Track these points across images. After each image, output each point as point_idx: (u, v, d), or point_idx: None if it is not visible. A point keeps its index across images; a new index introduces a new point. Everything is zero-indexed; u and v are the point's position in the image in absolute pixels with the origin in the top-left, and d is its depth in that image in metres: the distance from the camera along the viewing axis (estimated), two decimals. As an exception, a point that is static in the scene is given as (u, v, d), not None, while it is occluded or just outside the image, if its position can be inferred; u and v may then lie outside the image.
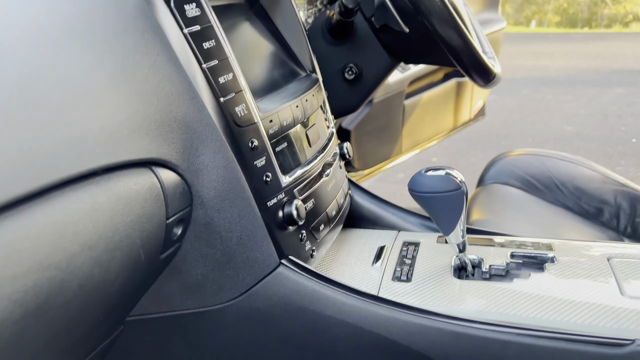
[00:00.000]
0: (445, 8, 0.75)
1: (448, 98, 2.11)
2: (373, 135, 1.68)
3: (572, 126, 3.91)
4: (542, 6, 35.62)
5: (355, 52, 0.92)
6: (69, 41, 0.38)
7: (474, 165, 3.17)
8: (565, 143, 3.53)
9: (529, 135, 3.74)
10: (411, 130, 1.87)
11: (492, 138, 3.69)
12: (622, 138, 3.57)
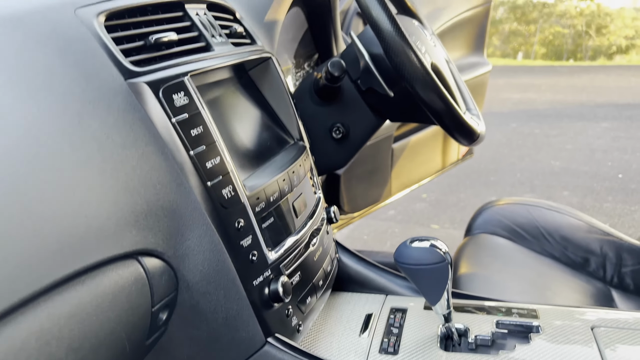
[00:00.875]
0: (428, 74, 0.77)
1: (436, 140, 2.14)
2: (362, 179, 1.69)
3: (559, 161, 3.97)
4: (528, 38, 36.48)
5: (342, 112, 0.93)
6: (59, 141, 0.39)
7: (463, 202, 3.20)
8: (553, 178, 3.57)
9: (518, 170, 3.79)
10: (400, 173, 1.89)
11: (481, 173, 3.73)
12: (608, 174, 3.62)
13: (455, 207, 3.11)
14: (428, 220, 2.93)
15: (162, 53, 0.51)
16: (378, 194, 1.81)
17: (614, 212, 2.94)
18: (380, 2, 0.76)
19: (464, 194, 3.34)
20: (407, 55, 0.76)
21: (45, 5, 0.45)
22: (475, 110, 1.06)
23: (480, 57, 2.33)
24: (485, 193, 3.34)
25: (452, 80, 0.97)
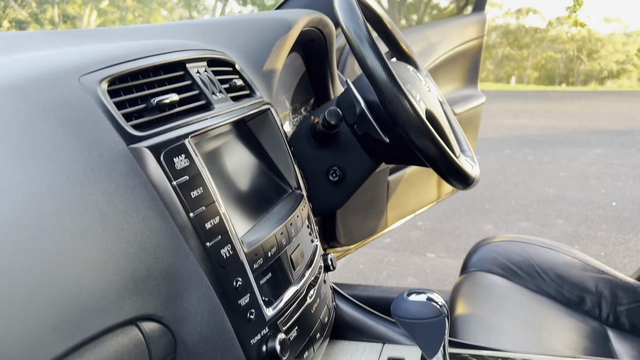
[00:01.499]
0: (422, 122, 0.78)
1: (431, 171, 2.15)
2: (358, 212, 1.70)
3: (553, 188, 4.00)
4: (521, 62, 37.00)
5: (338, 155, 0.95)
6: (60, 214, 0.40)
7: (459, 230, 3.20)
8: (547, 206, 3.59)
9: (512, 197, 3.81)
10: (396, 204, 1.90)
11: (476, 201, 3.75)
12: (602, 201, 3.65)
13: (451, 235, 3.11)
14: (424, 249, 2.93)
15: (163, 115, 0.52)
16: (374, 226, 1.82)
17: (608, 240, 2.96)
18: (375, 51, 0.78)
19: (460, 221, 3.34)
20: (402, 103, 0.77)
21: (50, 72, 0.46)
22: (470, 152, 1.08)
23: (474, 90, 2.36)
24: (481, 221, 3.35)
25: (446, 124, 0.99)
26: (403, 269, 2.64)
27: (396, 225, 1.92)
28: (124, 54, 0.53)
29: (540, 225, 3.22)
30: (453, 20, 2.22)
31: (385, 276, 2.55)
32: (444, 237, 3.09)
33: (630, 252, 2.80)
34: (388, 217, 1.91)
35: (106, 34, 0.71)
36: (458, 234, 3.16)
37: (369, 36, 0.79)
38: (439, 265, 2.68)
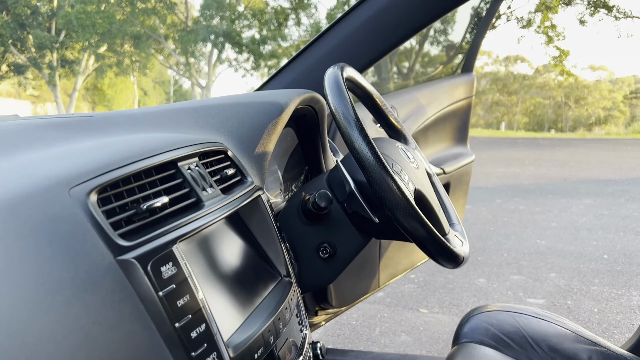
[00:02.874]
0: (409, 204, 0.79)
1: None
2: (350, 273, 1.69)
3: (545, 240, 4.00)
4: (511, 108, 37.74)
5: (328, 232, 0.95)
6: (44, 339, 0.39)
7: (451, 284, 3.18)
8: (540, 259, 3.58)
9: (504, 249, 3.81)
10: (388, 264, 1.89)
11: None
12: (594, 254, 3.65)
13: (444, 289, 3.09)
14: (417, 304, 2.90)
15: (152, 218, 0.53)
16: (366, 287, 1.80)
17: (601, 296, 2.94)
18: (362, 134, 0.80)
19: (452, 274, 3.32)
20: (389, 186, 0.79)
21: (40, 186, 0.47)
22: (459, 225, 1.09)
23: (463, 148, 2.41)
24: (473, 274, 3.33)
25: (435, 201, 1.00)
26: (396, 326, 2.60)
27: (388, 284, 1.91)
28: (114, 160, 0.53)
29: (532, 279, 3.21)
30: (442, 82, 2.28)
31: (378, 333, 2.51)
32: (437, 291, 3.06)
33: (624, 308, 2.78)
34: (380, 276, 1.89)
35: (99, 124, 0.72)
36: (451, 287, 3.13)
37: (357, 119, 0.81)
38: (432, 322, 2.65)
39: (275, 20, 18.52)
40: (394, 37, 1.20)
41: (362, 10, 1.21)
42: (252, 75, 19.63)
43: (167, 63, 22.36)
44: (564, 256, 3.62)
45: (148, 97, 34.35)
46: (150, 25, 19.35)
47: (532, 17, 14.78)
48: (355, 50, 1.20)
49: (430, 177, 1.13)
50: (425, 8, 1.19)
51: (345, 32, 1.20)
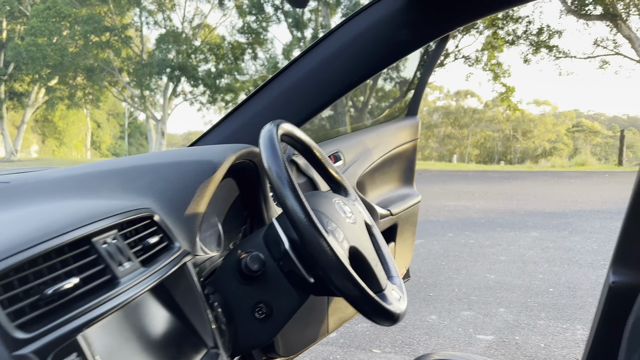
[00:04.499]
0: (341, 265, 0.80)
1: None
2: (298, 320, 1.66)
3: (494, 274, 4.10)
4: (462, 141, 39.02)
5: (264, 291, 0.94)
6: None
7: (404, 322, 3.19)
8: (489, 293, 3.66)
9: (455, 284, 3.86)
10: (337, 308, 1.88)
11: (420, 288, 3.78)
12: (540, 287, 3.76)
13: (396, 328, 3.09)
14: (370, 344, 2.89)
15: (60, 302, 0.50)
16: (315, 333, 1.78)
17: (547, 330, 3.02)
18: (294, 193, 0.80)
19: (405, 312, 3.34)
20: (321, 247, 0.79)
21: None
22: (398, 279, 1.09)
23: (410, 189, 2.45)
24: (425, 311, 3.36)
25: (372, 255, 1.00)
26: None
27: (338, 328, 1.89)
28: (21, 241, 0.51)
29: (482, 315, 3.26)
30: (388, 125, 2.33)
31: (329, 377, 2.47)
32: (390, 330, 3.06)
33: (569, 342, 2.86)
34: (329, 321, 1.87)
35: (16, 191, 0.69)
36: (403, 326, 3.14)
37: (289, 178, 0.81)
38: (384, 363, 2.64)
39: (232, 55, 18.65)
40: (333, 91, 1.23)
41: (302, 64, 1.23)
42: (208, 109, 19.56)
43: (121, 96, 22.01)
44: (512, 290, 3.71)
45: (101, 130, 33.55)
46: (104, 58, 19.08)
47: (479, 56, 15.50)
48: (295, 104, 1.22)
49: (370, 229, 1.14)
50: (364, 63, 1.22)
51: (285, 85, 1.22)
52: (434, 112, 38.64)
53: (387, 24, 1.18)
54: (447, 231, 5.61)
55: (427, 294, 3.66)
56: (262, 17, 17.61)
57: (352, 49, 1.20)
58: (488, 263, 4.41)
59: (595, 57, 15.42)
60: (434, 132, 37.80)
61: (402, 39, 1.18)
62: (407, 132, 2.39)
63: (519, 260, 4.47)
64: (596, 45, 15.09)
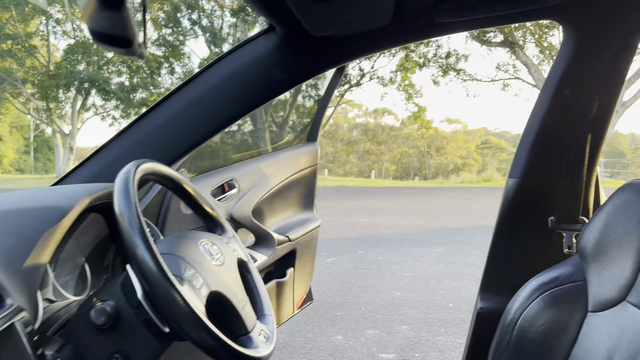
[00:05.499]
0: (194, 315, 0.78)
1: (285, 289, 2.18)
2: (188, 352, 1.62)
3: (399, 291, 4.24)
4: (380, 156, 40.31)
5: (122, 340, 0.90)
6: None
7: (310, 343, 3.21)
8: (393, 310, 3.77)
9: (362, 303, 3.95)
10: None
11: (329, 308, 3.82)
12: (441, 303, 3.94)
13: (302, 350, 3.10)
14: (273, 369, 2.87)
15: None
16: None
17: (445, 346, 3.16)
18: (144, 241, 0.78)
19: (311, 333, 3.36)
20: (173, 298, 0.77)
21: None
22: (270, 317, 1.09)
23: (310, 214, 2.49)
24: (332, 331, 3.40)
25: (240, 297, 0.99)
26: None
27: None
28: None
29: (386, 333, 3.35)
30: (287, 152, 2.36)
31: (230, 407, 2.42)
32: (296, 353, 3.06)
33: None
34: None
35: None
36: (309, 348, 3.15)
37: (140, 225, 0.79)
38: (286, 388, 2.63)
39: (147, 68, 18.06)
40: (209, 127, 1.22)
41: (176, 100, 1.21)
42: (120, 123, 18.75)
43: (25, 108, 20.55)
44: (414, 307, 3.85)
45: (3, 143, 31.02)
46: (5, 68, 17.75)
47: (393, 76, 16.16)
48: (169, 140, 1.20)
49: (245, 266, 1.13)
50: (240, 100, 1.23)
51: (158, 121, 1.19)
52: (353, 128, 39.64)
53: (262, 62, 1.19)
54: (358, 248, 5.75)
55: (334, 314, 3.71)
56: (179, 30, 17.27)
57: (228, 85, 1.20)
58: (394, 280, 4.56)
59: (498, 80, 16.62)
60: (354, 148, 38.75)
61: (277, 78, 1.20)
62: (306, 157, 2.43)
63: (423, 276, 4.66)
64: (498, 70, 16.29)
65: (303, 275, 2.41)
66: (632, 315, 1.04)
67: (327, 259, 5.26)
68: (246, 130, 17.54)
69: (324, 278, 4.60)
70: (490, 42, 14.76)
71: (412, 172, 37.28)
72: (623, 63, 1.26)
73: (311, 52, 1.18)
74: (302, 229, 2.35)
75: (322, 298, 4.03)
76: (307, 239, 2.38)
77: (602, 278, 1.12)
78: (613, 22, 1.21)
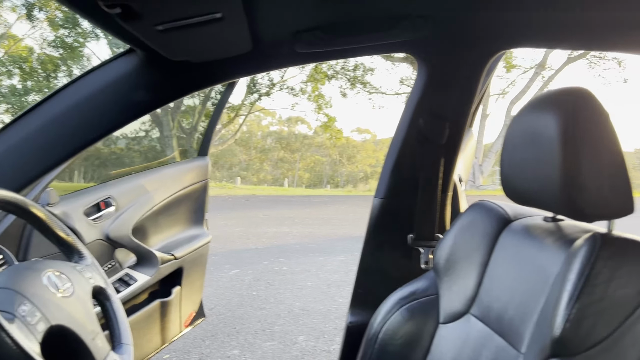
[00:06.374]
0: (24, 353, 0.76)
1: (152, 319, 2.12)
2: None
3: (300, 301, 4.29)
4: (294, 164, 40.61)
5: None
6: None
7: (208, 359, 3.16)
8: (293, 321, 3.81)
9: (262, 315, 3.96)
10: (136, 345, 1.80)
11: (227, 322, 3.78)
12: (339, 311, 4.04)
13: (196, 370, 3.04)
14: (165, 389, 2.79)
15: None
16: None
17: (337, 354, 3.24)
18: None
19: (207, 349, 3.30)
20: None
21: None
22: (127, 346, 1.07)
23: (199, 230, 2.46)
24: (229, 345, 3.37)
25: (89, 329, 0.97)
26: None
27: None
28: None
29: (283, 345, 3.38)
30: (173, 167, 2.32)
31: None
32: (189, 371, 3.00)
33: (356, 363, 3.10)
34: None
35: None
36: (205, 366, 3.10)
37: None
38: (176, 408, 2.56)
39: (43, 70, 16.85)
40: (67, 149, 1.18)
41: (30, 120, 1.16)
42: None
43: None
44: (313, 316, 3.92)
45: None
46: None
47: (303, 87, 16.39)
48: (20, 162, 1.14)
49: (103, 293, 1.10)
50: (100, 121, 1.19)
51: (8, 143, 1.14)
52: (267, 136, 39.62)
53: (122, 83, 1.18)
54: (263, 259, 5.74)
55: (232, 328, 3.68)
56: (78, 32, 16.30)
57: (86, 106, 1.17)
58: (296, 289, 4.61)
59: (402, 93, 17.43)
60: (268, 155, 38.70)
61: (138, 100, 1.19)
62: (196, 172, 2.40)
63: (324, 284, 4.76)
64: (402, 83, 17.09)
65: (191, 293, 2.37)
66: (474, 326, 1.14)
67: (230, 271, 5.21)
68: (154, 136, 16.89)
69: (226, 291, 4.55)
70: (393, 57, 15.46)
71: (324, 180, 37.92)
72: (470, 93, 1.39)
73: (172, 75, 1.19)
74: (189, 246, 2.32)
75: (221, 312, 3.98)
76: (195, 256, 2.35)
77: (451, 292, 1.22)
78: (459, 56, 1.34)
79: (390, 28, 1.17)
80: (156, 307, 2.11)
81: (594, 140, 0.86)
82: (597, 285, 0.81)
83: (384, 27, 1.18)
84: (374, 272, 1.57)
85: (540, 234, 1.04)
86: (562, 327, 0.80)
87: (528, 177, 0.97)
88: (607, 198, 0.87)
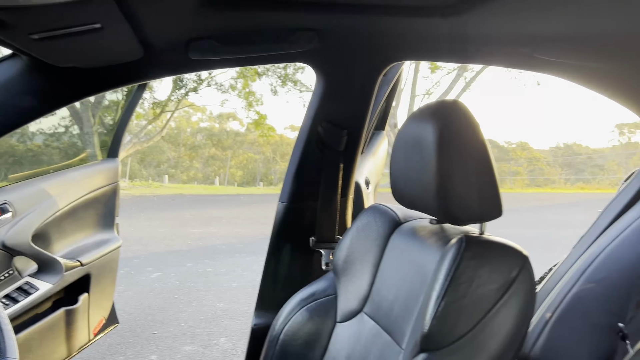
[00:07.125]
0: None
1: (57, 328, 2.04)
2: None
3: (223, 302, 4.27)
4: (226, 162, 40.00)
5: None
6: None
7: (120, 367, 3.07)
8: (215, 324, 3.78)
9: (183, 318, 3.89)
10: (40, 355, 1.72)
11: (146, 327, 3.69)
12: (262, 311, 4.05)
13: (111, 375, 2.95)
14: (76, 399, 2.68)
15: None
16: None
17: (259, 354, 3.26)
18: None
19: (124, 355, 3.21)
20: None
21: None
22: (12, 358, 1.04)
23: (109, 234, 2.39)
24: (147, 351, 3.29)
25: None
26: None
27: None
28: None
29: (203, 347, 3.35)
30: (79, 170, 2.24)
31: None
32: (103, 380, 2.90)
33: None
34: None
35: None
36: (119, 373, 3.01)
37: None
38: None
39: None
40: None
41: None
42: None
43: None
44: (236, 318, 3.91)
45: None
46: None
47: (233, 83, 16.18)
48: None
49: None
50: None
51: None
52: (197, 133, 38.73)
53: (6, 88, 1.13)
54: (187, 261, 5.64)
55: (152, 332, 3.60)
56: None
57: None
58: (220, 291, 4.57)
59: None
60: (198, 153, 37.86)
61: (24, 105, 1.15)
62: (104, 175, 2.33)
63: (249, 285, 4.76)
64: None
65: (101, 300, 2.30)
66: (366, 324, 1.20)
67: (152, 275, 5.07)
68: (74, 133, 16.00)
69: (147, 295, 4.43)
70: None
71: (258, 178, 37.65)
72: (365, 102, 1.45)
73: (60, 81, 1.15)
74: (98, 252, 2.25)
75: (141, 316, 3.88)
76: (104, 261, 2.28)
77: (348, 291, 1.28)
78: (352, 67, 1.40)
79: (284, 39, 1.21)
80: (61, 315, 2.03)
81: (464, 149, 0.94)
82: (460, 284, 0.89)
83: (278, 38, 1.21)
84: (278, 275, 1.61)
85: (424, 235, 1.11)
86: (430, 323, 0.87)
87: (412, 182, 1.03)
88: (476, 203, 0.95)
